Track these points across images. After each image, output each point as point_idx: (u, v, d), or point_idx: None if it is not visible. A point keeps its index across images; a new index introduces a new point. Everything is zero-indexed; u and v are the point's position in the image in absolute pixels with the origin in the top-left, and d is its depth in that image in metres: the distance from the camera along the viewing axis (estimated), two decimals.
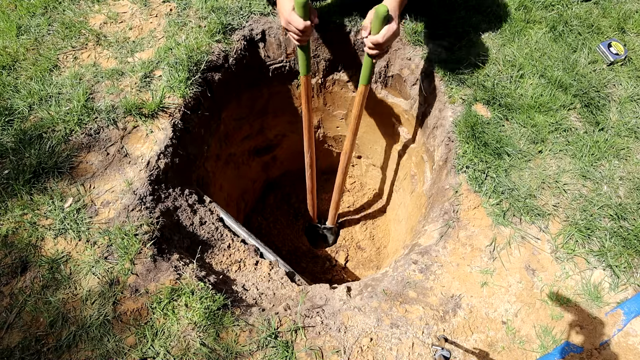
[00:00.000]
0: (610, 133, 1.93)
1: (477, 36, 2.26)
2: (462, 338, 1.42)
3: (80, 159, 1.73)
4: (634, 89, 2.07)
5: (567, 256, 1.60)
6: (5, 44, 2.10)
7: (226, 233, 1.84)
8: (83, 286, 1.43)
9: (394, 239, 2.88)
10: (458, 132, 1.93)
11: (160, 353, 1.30)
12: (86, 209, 1.60)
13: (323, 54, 2.41)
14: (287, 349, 1.36)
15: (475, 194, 1.77)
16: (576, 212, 1.70)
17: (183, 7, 2.26)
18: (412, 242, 1.86)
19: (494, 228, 1.67)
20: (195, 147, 2.05)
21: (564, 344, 1.41)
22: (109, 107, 1.85)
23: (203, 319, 1.36)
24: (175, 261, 1.54)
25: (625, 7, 2.41)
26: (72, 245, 1.51)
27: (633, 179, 1.80)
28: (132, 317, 1.37)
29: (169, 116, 1.87)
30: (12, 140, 1.75)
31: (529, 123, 1.94)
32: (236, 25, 2.21)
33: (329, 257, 3.14)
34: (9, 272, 1.45)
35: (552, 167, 1.83)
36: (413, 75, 2.27)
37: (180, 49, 2.01)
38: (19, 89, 1.91)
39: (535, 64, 2.13)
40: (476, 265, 1.59)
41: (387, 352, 1.37)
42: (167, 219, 1.67)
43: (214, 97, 2.15)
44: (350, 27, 2.28)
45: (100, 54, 2.08)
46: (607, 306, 1.50)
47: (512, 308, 1.49)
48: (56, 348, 1.31)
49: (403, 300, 1.50)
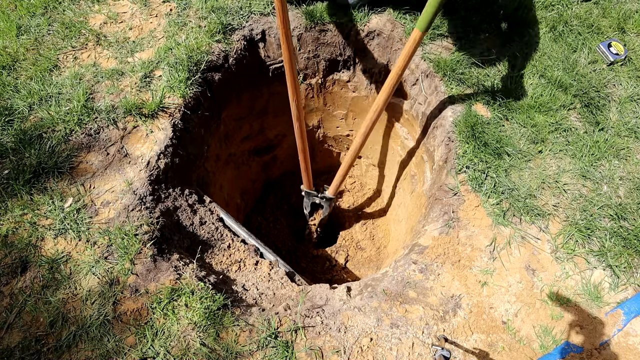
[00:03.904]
0: (610, 133, 1.93)
1: (477, 36, 2.26)
2: (462, 338, 1.42)
3: (80, 159, 1.73)
4: (634, 89, 2.07)
5: (567, 256, 1.60)
6: (5, 44, 2.10)
7: (226, 233, 1.84)
8: (83, 286, 1.43)
9: (394, 239, 2.88)
10: (458, 132, 1.93)
11: (160, 353, 1.30)
12: (86, 209, 1.60)
13: (323, 54, 2.41)
14: (287, 349, 1.36)
15: (475, 194, 1.77)
16: (576, 212, 1.70)
17: (183, 7, 2.26)
18: (412, 242, 1.86)
19: (494, 228, 1.67)
20: (195, 147, 2.05)
21: (564, 344, 1.41)
22: (109, 107, 1.84)
23: (203, 319, 1.36)
24: (175, 261, 1.53)
25: (625, 7, 2.41)
26: (72, 245, 1.51)
27: (633, 179, 1.80)
28: (132, 317, 1.37)
29: (169, 116, 1.87)
30: (12, 140, 1.75)
31: (529, 123, 1.94)
32: (236, 25, 2.21)
33: (329, 257, 3.14)
34: (9, 272, 1.45)
35: (552, 167, 1.83)
36: (413, 75, 2.27)
37: (180, 49, 2.01)
38: (19, 89, 1.91)
39: (535, 64, 2.13)
40: (476, 265, 1.59)
41: (387, 352, 1.37)
42: (167, 219, 1.67)
43: (214, 97, 2.15)
44: (351, 27, 2.28)
45: (100, 54, 2.08)
46: (607, 306, 1.50)
47: (512, 308, 1.49)
48: (56, 348, 1.31)
49: (403, 300, 1.50)
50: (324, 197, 2.57)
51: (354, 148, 2.14)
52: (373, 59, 2.39)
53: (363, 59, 2.43)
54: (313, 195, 2.60)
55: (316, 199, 2.60)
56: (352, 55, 2.43)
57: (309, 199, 2.63)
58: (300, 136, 2.25)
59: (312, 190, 2.58)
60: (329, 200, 2.59)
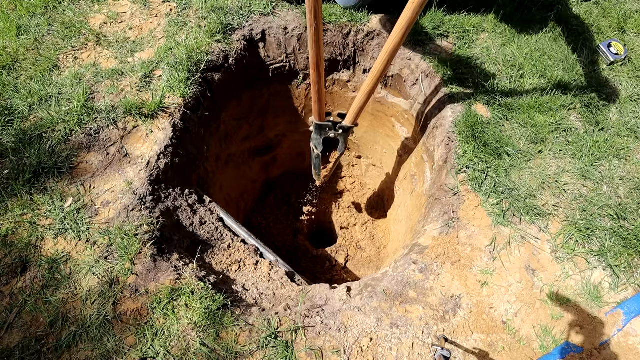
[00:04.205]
0: (610, 133, 1.93)
1: (477, 36, 2.26)
2: (462, 338, 1.42)
3: (80, 159, 1.73)
4: (634, 89, 2.07)
5: (567, 256, 1.60)
6: (5, 44, 2.10)
7: (226, 233, 1.84)
8: (83, 286, 1.43)
9: (394, 239, 2.88)
10: (458, 132, 1.93)
11: (160, 353, 1.30)
12: (86, 209, 1.60)
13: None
14: (287, 349, 1.36)
15: (475, 194, 1.77)
16: (576, 212, 1.70)
17: (183, 7, 2.26)
18: (412, 242, 1.86)
19: (494, 228, 1.67)
20: (195, 147, 2.05)
21: (564, 344, 1.41)
22: (109, 107, 1.85)
23: (203, 319, 1.36)
24: (175, 261, 1.54)
25: (625, 7, 2.41)
26: (72, 245, 1.51)
27: (633, 179, 1.80)
28: (132, 317, 1.37)
29: (169, 116, 1.87)
30: (12, 140, 1.75)
31: (529, 123, 1.95)
32: (236, 25, 2.21)
33: (329, 257, 3.14)
34: (9, 272, 1.45)
35: (552, 167, 1.83)
36: (413, 75, 2.27)
37: (180, 49, 2.01)
38: (19, 89, 1.91)
39: (535, 64, 2.13)
40: (476, 265, 1.59)
41: (387, 352, 1.37)
42: (167, 219, 1.67)
43: (214, 97, 2.15)
44: (351, 27, 2.28)
45: (100, 54, 2.08)
46: (607, 306, 1.50)
47: (512, 308, 1.49)
48: (56, 348, 1.31)
49: (403, 300, 1.50)
50: (342, 128, 2.08)
51: (380, 62, 1.73)
52: (373, 59, 2.39)
53: (363, 59, 2.43)
54: (326, 128, 2.10)
55: (330, 132, 2.11)
56: (352, 55, 2.43)
57: (320, 135, 2.13)
58: (316, 57, 1.73)
59: (325, 121, 2.07)
60: (347, 131, 2.11)
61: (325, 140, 2.17)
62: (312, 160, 2.32)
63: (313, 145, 2.19)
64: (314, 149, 2.20)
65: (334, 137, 2.14)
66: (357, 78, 2.56)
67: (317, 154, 2.22)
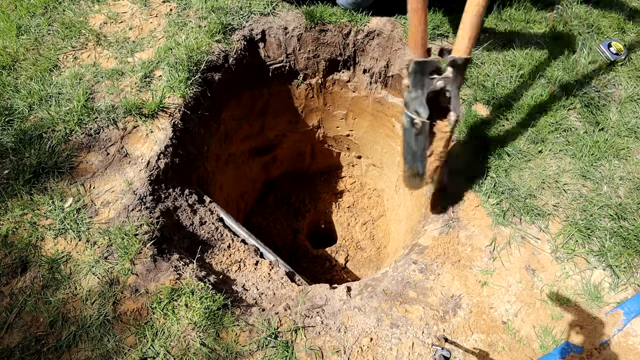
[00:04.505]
0: (610, 133, 1.93)
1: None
2: (462, 338, 1.42)
3: (80, 159, 1.73)
4: (634, 89, 2.07)
5: (567, 256, 1.60)
6: (5, 44, 2.10)
7: (226, 233, 1.84)
8: (83, 286, 1.43)
9: (394, 239, 2.88)
10: (458, 132, 1.93)
11: (160, 353, 1.30)
12: (86, 209, 1.60)
13: (323, 54, 2.41)
14: (287, 349, 1.36)
15: (475, 193, 1.77)
16: (576, 212, 1.70)
17: (183, 7, 2.26)
18: (412, 242, 1.86)
19: (494, 228, 1.67)
20: (195, 147, 2.05)
21: (564, 344, 1.41)
22: (109, 107, 1.84)
23: (203, 319, 1.36)
24: (175, 261, 1.53)
25: (625, 7, 2.41)
26: (72, 245, 1.51)
27: (633, 179, 1.80)
28: (132, 317, 1.37)
29: (169, 116, 1.87)
30: (12, 140, 1.75)
31: (529, 123, 1.95)
32: (236, 25, 2.21)
33: (329, 257, 3.14)
34: (9, 272, 1.45)
35: (552, 167, 1.83)
36: None
37: (180, 49, 2.00)
38: (19, 89, 1.91)
39: (535, 64, 2.13)
40: (476, 265, 1.59)
41: (387, 352, 1.37)
42: (167, 219, 1.67)
43: (214, 97, 2.15)
44: (351, 28, 2.28)
45: (100, 54, 2.08)
46: (607, 306, 1.50)
47: (512, 308, 1.49)
48: (56, 348, 1.31)
49: (403, 300, 1.50)
50: (454, 63, 1.30)
51: None
52: (373, 59, 2.39)
53: (363, 59, 2.43)
54: (432, 70, 1.30)
55: (437, 81, 1.31)
56: (352, 55, 2.43)
57: (423, 85, 1.31)
58: None
59: (428, 58, 1.30)
60: (462, 68, 1.32)
61: (430, 95, 1.30)
62: (408, 146, 1.43)
63: (411, 111, 1.33)
64: (413, 117, 1.33)
65: (442, 87, 1.31)
66: (357, 78, 2.56)
67: (419, 127, 1.35)
